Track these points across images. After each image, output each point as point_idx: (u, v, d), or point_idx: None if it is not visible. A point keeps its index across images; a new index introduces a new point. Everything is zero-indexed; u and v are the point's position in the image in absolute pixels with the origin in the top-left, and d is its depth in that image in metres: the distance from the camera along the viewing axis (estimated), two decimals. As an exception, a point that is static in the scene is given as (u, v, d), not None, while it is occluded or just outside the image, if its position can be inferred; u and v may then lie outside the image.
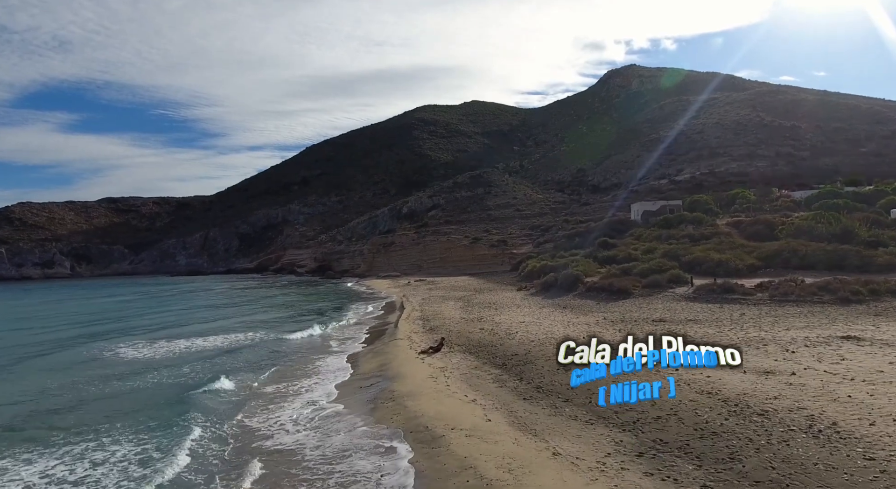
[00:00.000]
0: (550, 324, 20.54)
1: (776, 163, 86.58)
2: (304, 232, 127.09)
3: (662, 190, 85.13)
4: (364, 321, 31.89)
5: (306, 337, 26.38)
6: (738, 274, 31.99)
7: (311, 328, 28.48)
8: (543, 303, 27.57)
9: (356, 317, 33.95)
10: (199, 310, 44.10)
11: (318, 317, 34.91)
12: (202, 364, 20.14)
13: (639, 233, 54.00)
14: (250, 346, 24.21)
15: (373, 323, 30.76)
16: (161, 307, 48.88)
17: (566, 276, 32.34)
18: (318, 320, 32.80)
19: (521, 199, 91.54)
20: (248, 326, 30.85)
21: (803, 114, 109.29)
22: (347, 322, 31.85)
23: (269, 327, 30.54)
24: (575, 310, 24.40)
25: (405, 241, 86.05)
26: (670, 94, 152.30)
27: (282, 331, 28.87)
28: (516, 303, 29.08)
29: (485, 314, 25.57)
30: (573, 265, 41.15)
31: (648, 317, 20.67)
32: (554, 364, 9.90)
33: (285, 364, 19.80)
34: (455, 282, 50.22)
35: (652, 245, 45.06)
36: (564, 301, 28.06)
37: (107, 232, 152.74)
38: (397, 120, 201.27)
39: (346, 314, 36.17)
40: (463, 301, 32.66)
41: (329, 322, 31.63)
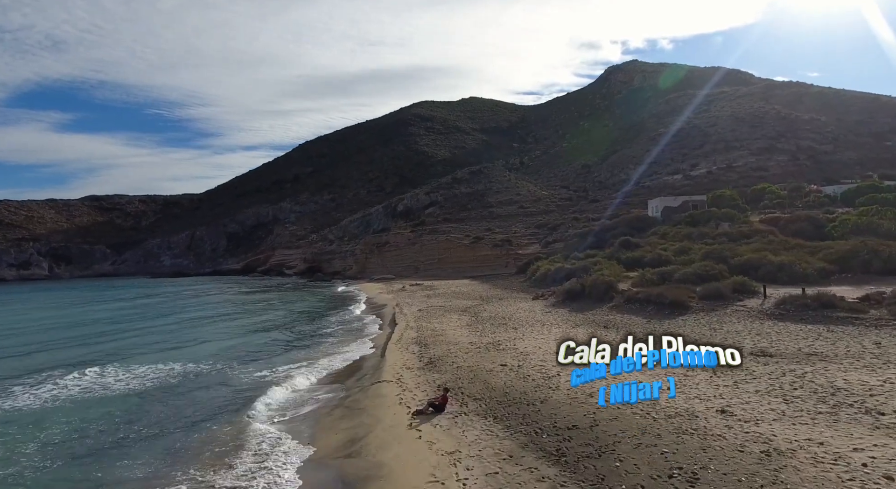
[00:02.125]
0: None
1: (797, 157, 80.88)
2: (295, 231, 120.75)
3: (677, 186, 79.49)
4: (344, 342, 25.88)
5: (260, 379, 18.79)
6: (806, 280, 26.08)
7: (268, 368, 20.23)
8: (575, 320, 21.55)
9: (335, 337, 27.93)
10: (111, 336, 31.30)
11: (284, 348, 25.46)
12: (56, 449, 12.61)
13: (663, 231, 48.14)
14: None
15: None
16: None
17: (596, 283, 26.31)
18: (284, 351, 24.66)
19: (525, 196, 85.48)
20: (166, 374, 20.33)
21: (820, 107, 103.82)
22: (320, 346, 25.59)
23: (213, 359, 22.58)
24: (623, 331, 18.33)
25: (400, 241, 79.90)
26: (674, 90, 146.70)
27: (230, 365, 21.37)
28: (538, 319, 23.04)
29: (502, 336, 19.51)
30: (596, 268, 35.22)
31: (738, 345, 14.62)
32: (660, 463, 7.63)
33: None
34: (456, 288, 44.13)
35: (684, 245, 39.19)
36: (600, 316, 22.03)
37: (89, 231, 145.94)
38: (393, 116, 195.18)
39: (325, 331, 29.97)
40: (469, 314, 26.56)
41: (297, 347, 25.39)
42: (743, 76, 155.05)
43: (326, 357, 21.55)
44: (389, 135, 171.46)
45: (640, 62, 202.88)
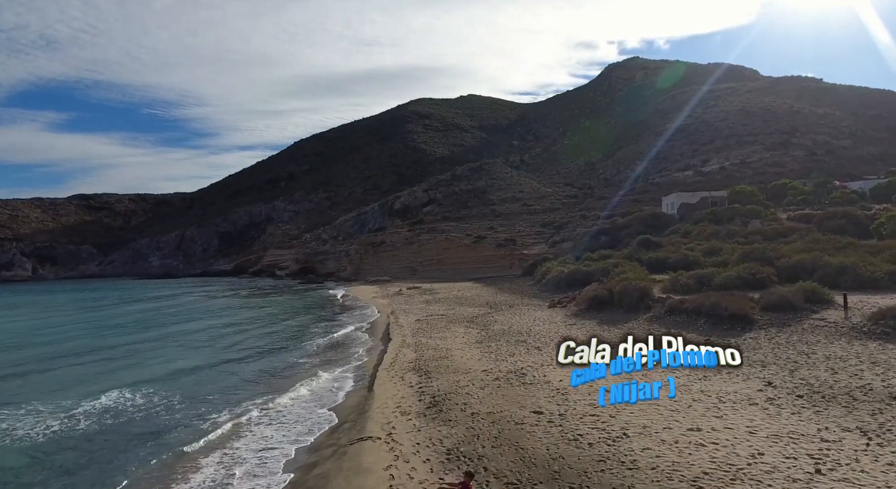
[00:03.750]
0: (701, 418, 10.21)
1: (814, 152, 77.02)
2: (288, 230, 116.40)
3: (688, 182, 75.66)
4: (326, 364, 21.23)
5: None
6: (877, 285, 22.13)
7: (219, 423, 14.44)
8: (611, 337, 17.37)
9: (315, 357, 22.98)
10: (39, 359, 25.36)
11: (247, 380, 19.84)
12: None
13: (684, 229, 44.16)
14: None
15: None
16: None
17: (627, 289, 22.23)
18: (246, 383, 19.32)
19: (529, 193, 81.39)
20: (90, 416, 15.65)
21: (832, 102, 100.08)
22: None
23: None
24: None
25: (397, 241, 75.71)
26: (676, 87, 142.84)
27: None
28: (562, 334, 18.89)
29: (524, 360, 15.38)
30: (618, 271, 31.14)
31: (855, 385, 10.53)
32: None
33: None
34: (458, 292, 39.96)
35: (714, 244, 35.18)
36: (641, 330, 17.88)
37: (75, 231, 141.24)
38: (390, 113, 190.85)
39: (303, 351, 24.32)
40: (477, 326, 22.39)
41: (266, 375, 20.20)
42: (747, 72, 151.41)
43: (294, 393, 16.58)
44: (386, 132, 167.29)
45: (642, 59, 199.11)
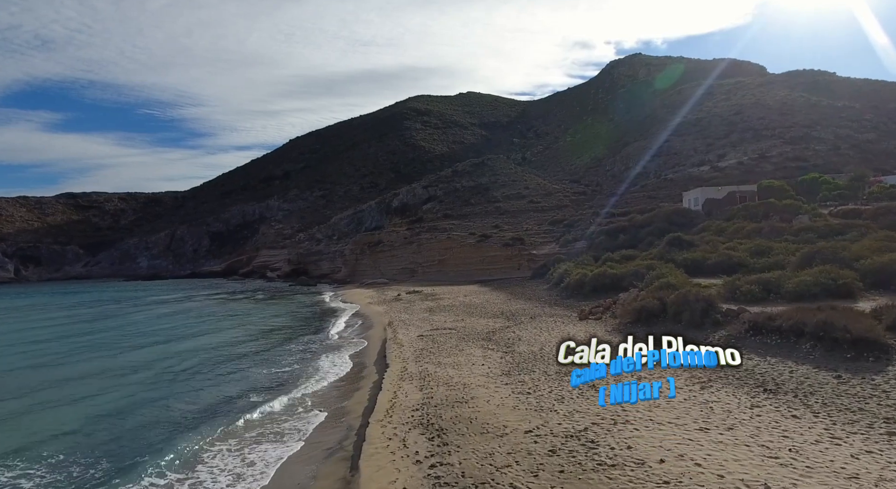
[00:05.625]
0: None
1: (838, 146, 72.64)
2: (281, 230, 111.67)
3: (704, 177, 71.25)
4: (298, 417, 14.15)
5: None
6: None
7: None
8: (699, 372, 12.84)
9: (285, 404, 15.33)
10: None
11: (177, 443, 12.75)
12: None
13: (716, 226, 39.65)
14: None
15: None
16: None
17: (687, 299, 17.67)
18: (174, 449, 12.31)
19: (535, 190, 76.86)
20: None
21: (851, 95, 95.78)
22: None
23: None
24: (831, 408, 9.67)
25: (395, 240, 71.06)
26: (680, 83, 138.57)
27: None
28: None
29: (581, 408, 10.71)
30: (655, 276, 26.58)
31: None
32: None
33: None
34: (465, 297, 35.37)
35: (760, 243, 30.66)
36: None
37: (61, 230, 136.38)
38: (388, 110, 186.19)
39: (272, 389, 17.13)
40: (498, 346, 17.74)
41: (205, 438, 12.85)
42: (754, 68, 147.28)
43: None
44: (384, 129, 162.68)
45: (645, 55, 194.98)
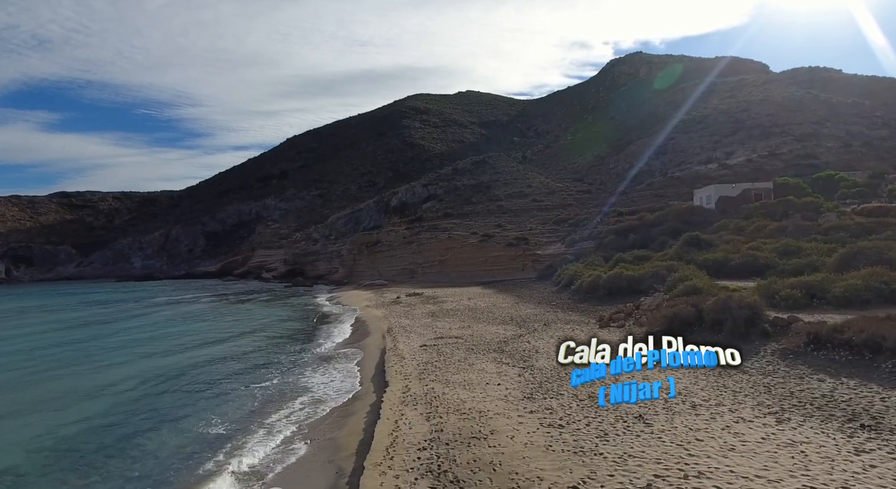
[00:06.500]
0: None
1: (850, 143, 70.62)
2: (277, 229, 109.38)
3: (712, 175, 69.16)
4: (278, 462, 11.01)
5: None
6: None
7: None
8: (766, 398, 10.69)
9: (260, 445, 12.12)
10: None
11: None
12: None
13: (734, 225, 37.54)
14: None
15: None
16: None
17: (729, 306, 15.51)
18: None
19: (538, 188, 74.69)
20: None
21: (859, 92, 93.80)
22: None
23: None
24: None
25: (394, 240, 68.84)
26: (681, 82, 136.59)
27: None
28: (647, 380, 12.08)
29: (636, 451, 8.52)
30: (678, 278, 24.46)
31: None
32: None
33: None
34: (470, 300, 33.18)
35: (788, 243, 28.51)
36: (804, 384, 11.19)
37: (54, 230, 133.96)
38: (387, 108, 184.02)
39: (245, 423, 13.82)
40: (514, 360, 15.46)
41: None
42: (756, 66, 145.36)
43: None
44: (383, 128, 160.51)
45: (645, 54, 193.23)
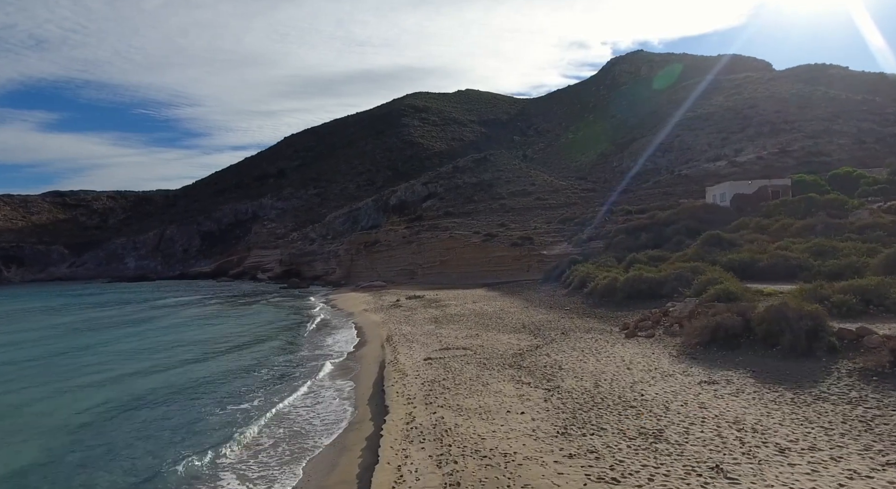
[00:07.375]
0: None
1: (863, 139, 68.67)
2: (274, 229, 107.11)
3: (721, 173, 67.28)
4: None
5: None
6: None
7: None
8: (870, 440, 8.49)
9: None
10: None
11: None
12: None
13: (756, 223, 35.38)
14: None
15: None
16: None
17: (786, 316, 13.33)
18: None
19: (541, 187, 72.56)
20: None
21: (868, 88, 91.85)
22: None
23: None
24: None
25: (393, 239, 66.67)
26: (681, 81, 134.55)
27: None
28: (715, 409, 9.94)
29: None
30: (706, 281, 22.38)
31: None
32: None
33: None
34: (475, 303, 31.04)
35: (820, 243, 26.37)
36: (890, 415, 8.90)
37: (46, 230, 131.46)
38: (386, 107, 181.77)
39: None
40: (535, 379, 13.28)
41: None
42: (759, 64, 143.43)
43: None
44: (381, 126, 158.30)
45: (646, 52, 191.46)
